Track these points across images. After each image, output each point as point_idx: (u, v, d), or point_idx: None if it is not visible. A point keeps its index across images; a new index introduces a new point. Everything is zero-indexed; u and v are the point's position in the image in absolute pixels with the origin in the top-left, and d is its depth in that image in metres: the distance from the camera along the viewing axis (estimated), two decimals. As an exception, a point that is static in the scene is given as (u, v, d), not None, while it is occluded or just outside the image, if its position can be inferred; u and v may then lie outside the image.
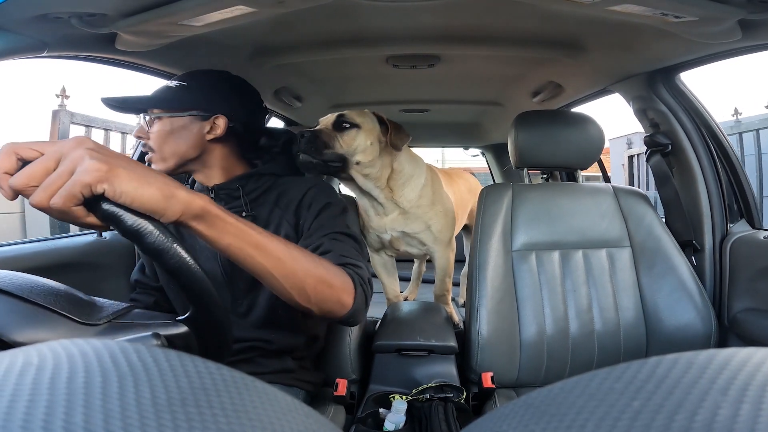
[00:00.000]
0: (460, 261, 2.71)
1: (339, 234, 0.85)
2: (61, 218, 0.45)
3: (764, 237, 1.19)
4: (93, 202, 0.45)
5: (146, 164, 0.83)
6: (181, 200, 0.50)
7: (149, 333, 0.48)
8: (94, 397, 0.15)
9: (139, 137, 0.89)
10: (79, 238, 1.24)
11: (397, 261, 2.16)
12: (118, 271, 1.27)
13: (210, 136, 0.89)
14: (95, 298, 0.54)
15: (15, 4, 0.74)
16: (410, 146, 1.54)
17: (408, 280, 2.54)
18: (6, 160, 0.44)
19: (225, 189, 0.92)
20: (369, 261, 1.01)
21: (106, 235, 1.27)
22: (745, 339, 1.18)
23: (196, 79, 0.92)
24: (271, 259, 0.60)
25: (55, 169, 0.44)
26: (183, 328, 0.51)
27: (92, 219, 0.46)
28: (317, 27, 1.16)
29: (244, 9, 0.84)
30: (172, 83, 0.90)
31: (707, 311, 1.15)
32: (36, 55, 0.88)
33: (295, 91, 1.70)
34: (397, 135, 1.38)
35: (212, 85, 0.92)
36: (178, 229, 0.89)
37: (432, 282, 2.54)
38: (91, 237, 1.25)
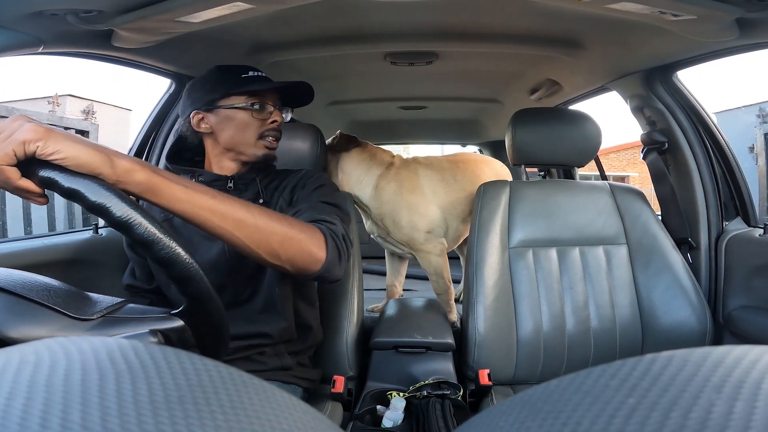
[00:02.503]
0: (453, 257, 2.72)
1: (321, 203, 0.88)
2: None
3: (760, 235, 1.20)
4: (29, 165, 0.47)
5: None
6: (120, 166, 0.52)
7: (146, 330, 0.48)
8: (91, 395, 0.15)
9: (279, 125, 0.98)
10: (75, 235, 1.23)
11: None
12: (114, 268, 1.26)
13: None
14: (89, 293, 0.54)
15: (11, 1, 0.74)
16: (408, 143, 1.55)
17: (417, 277, 2.55)
18: None
19: (242, 178, 0.96)
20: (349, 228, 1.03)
21: (102, 232, 1.27)
22: (740, 337, 1.19)
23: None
24: (230, 221, 0.62)
25: None
26: (178, 322, 0.51)
27: (25, 182, 0.48)
28: (315, 24, 1.15)
29: (242, 5, 0.84)
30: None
31: (702, 309, 1.16)
32: (32, 52, 0.87)
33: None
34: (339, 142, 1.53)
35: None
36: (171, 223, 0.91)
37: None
38: (87, 234, 1.24)
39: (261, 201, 0.93)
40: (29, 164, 0.47)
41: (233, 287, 0.92)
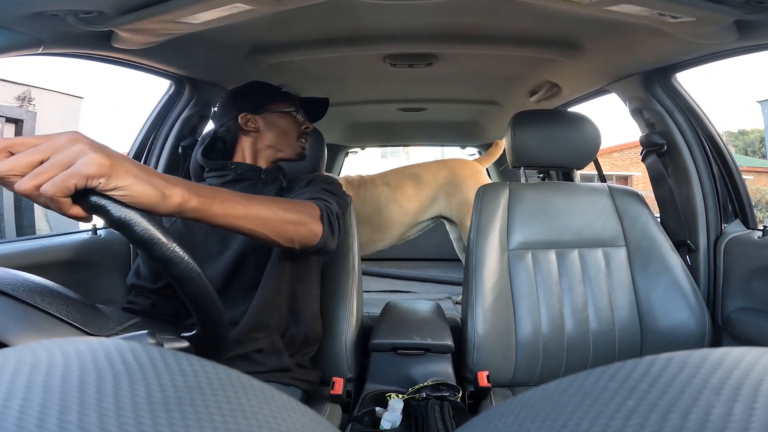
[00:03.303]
0: (452, 260, 2.72)
1: (323, 191, 0.97)
2: (44, 206, 0.45)
3: (758, 237, 1.20)
4: (81, 193, 0.46)
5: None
6: (176, 200, 0.53)
7: (145, 332, 0.48)
8: (89, 396, 0.15)
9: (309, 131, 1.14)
10: (74, 236, 1.23)
11: (396, 260, 2.17)
12: (113, 269, 1.26)
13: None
14: (99, 306, 0.54)
15: (11, 2, 0.74)
16: (407, 145, 1.57)
17: (416, 279, 2.56)
18: None
19: (270, 173, 1.07)
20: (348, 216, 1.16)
21: (101, 233, 1.27)
22: (739, 338, 1.19)
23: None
24: (257, 221, 0.69)
25: (43, 161, 0.45)
26: (185, 344, 0.52)
27: (76, 210, 0.47)
28: (315, 25, 1.16)
29: (242, 7, 0.84)
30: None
31: (701, 311, 1.16)
32: (32, 53, 0.87)
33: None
34: None
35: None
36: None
37: (433, 281, 2.56)
38: (86, 235, 1.24)
39: (283, 185, 1.07)
40: (83, 193, 0.46)
41: (229, 270, 0.95)
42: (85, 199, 0.46)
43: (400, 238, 2.18)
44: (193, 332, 0.53)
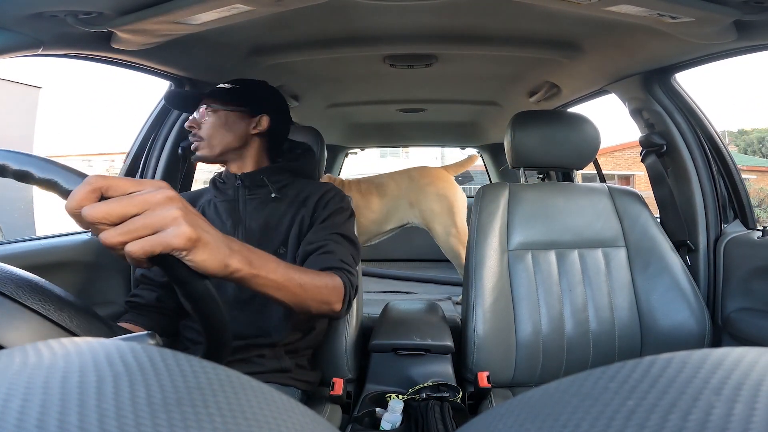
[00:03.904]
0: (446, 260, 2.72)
1: (341, 236, 0.96)
2: (119, 256, 0.46)
3: (758, 237, 1.20)
4: (161, 255, 0.47)
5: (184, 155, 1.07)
6: (230, 269, 0.55)
7: (145, 333, 0.48)
8: (89, 397, 0.15)
9: (190, 128, 1.01)
10: (73, 237, 1.23)
11: (395, 260, 2.17)
12: (112, 270, 1.26)
13: (254, 131, 1.03)
14: (114, 324, 0.53)
15: (11, 2, 0.74)
16: (407, 146, 1.57)
17: (416, 280, 2.56)
18: (87, 194, 0.43)
19: (251, 177, 1.02)
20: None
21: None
22: (739, 338, 1.19)
23: (247, 83, 1.07)
24: (289, 294, 0.70)
25: (134, 215, 0.45)
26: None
27: (147, 264, 0.47)
28: (314, 26, 1.16)
29: (241, 8, 0.84)
30: (225, 85, 1.05)
31: (701, 311, 1.16)
32: (31, 53, 0.87)
33: (292, 90, 1.70)
34: None
35: (259, 90, 1.07)
36: None
37: (433, 282, 2.56)
38: (85, 236, 1.24)
39: (273, 195, 1.01)
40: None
41: (235, 286, 0.93)
42: (162, 261, 0.47)
43: (366, 242, 2.23)
44: (203, 352, 0.54)
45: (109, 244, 0.44)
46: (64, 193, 0.45)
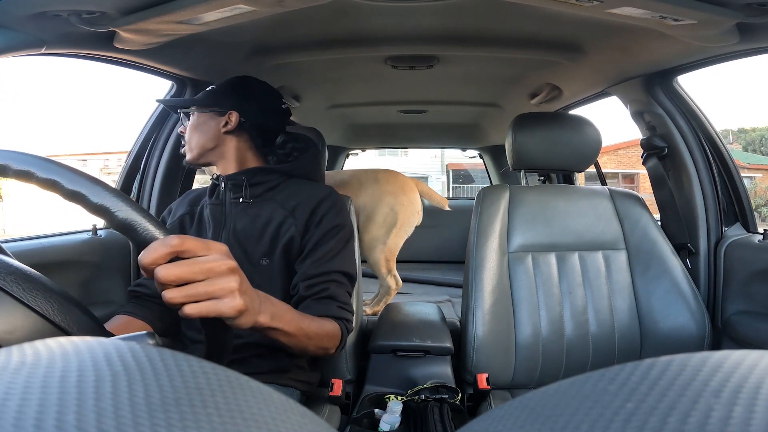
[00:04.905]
0: (452, 262, 2.72)
1: (341, 275, 0.94)
2: (176, 311, 0.50)
3: (759, 240, 1.20)
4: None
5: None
6: (257, 325, 0.62)
7: (144, 332, 0.48)
8: (87, 396, 0.15)
9: (181, 133, 1.05)
10: (74, 236, 1.23)
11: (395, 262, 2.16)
12: (112, 269, 1.26)
13: (224, 129, 1.00)
14: (90, 312, 0.53)
15: (14, 2, 0.74)
16: (408, 147, 1.56)
17: (415, 281, 2.55)
18: (165, 255, 0.47)
19: (233, 179, 0.99)
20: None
21: (101, 233, 1.27)
22: (739, 341, 1.19)
23: (225, 82, 1.06)
24: (295, 341, 0.76)
25: (199, 280, 0.50)
26: None
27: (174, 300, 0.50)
28: (316, 27, 1.16)
29: (244, 8, 0.84)
30: (209, 88, 1.06)
31: (701, 314, 1.16)
32: (34, 53, 0.87)
33: (294, 91, 1.70)
34: None
35: (231, 87, 1.04)
36: None
37: (432, 283, 2.55)
38: (86, 235, 1.24)
39: (241, 200, 0.98)
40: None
41: None
42: (208, 320, 0.52)
43: None
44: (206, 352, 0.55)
45: (171, 302, 0.49)
46: (142, 244, 0.47)
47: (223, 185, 0.99)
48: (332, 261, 0.93)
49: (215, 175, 1.04)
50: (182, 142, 1.05)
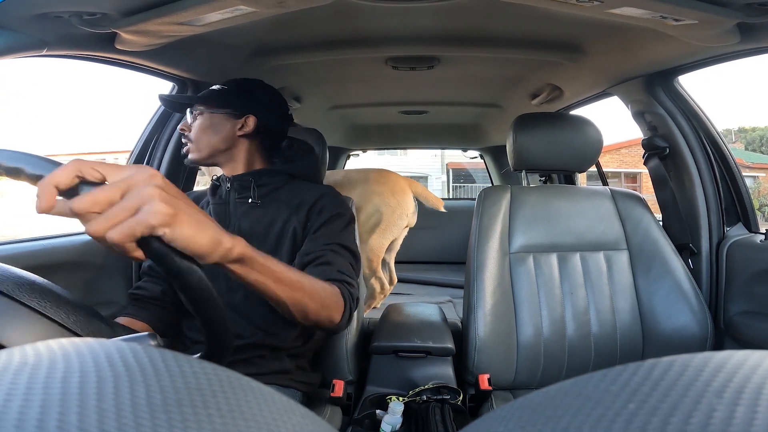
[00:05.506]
0: (453, 262, 2.73)
1: (340, 246, 0.92)
2: (109, 248, 0.44)
3: (761, 240, 1.20)
4: (146, 239, 0.45)
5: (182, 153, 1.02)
6: (224, 247, 0.54)
7: (146, 333, 0.48)
8: (89, 397, 0.15)
9: (182, 131, 1.02)
10: (76, 238, 1.23)
11: (396, 262, 2.16)
12: (114, 270, 1.26)
13: (240, 133, 1.00)
14: (115, 323, 0.53)
15: (16, 3, 0.74)
16: (408, 148, 1.56)
17: (416, 282, 2.55)
18: (65, 176, 0.43)
19: (240, 180, 1.00)
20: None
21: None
22: (741, 342, 1.18)
23: (236, 83, 1.04)
24: (286, 290, 0.68)
25: (119, 199, 0.44)
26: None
27: (139, 253, 0.46)
28: (317, 28, 1.16)
29: (244, 9, 0.84)
30: (216, 87, 1.04)
31: (703, 314, 1.15)
32: (35, 54, 0.87)
33: (295, 92, 1.70)
34: None
35: (247, 90, 1.04)
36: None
37: (434, 284, 2.55)
38: (86, 237, 1.24)
39: (250, 201, 0.98)
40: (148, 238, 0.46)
41: (226, 285, 0.94)
42: (148, 245, 0.46)
43: None
44: (202, 353, 0.52)
45: (95, 234, 0.43)
46: (34, 178, 0.44)
47: (228, 185, 1.00)
48: (331, 237, 0.93)
49: (216, 177, 1.05)
50: (183, 141, 1.03)
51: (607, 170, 1.96)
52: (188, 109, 1.02)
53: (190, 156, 1.01)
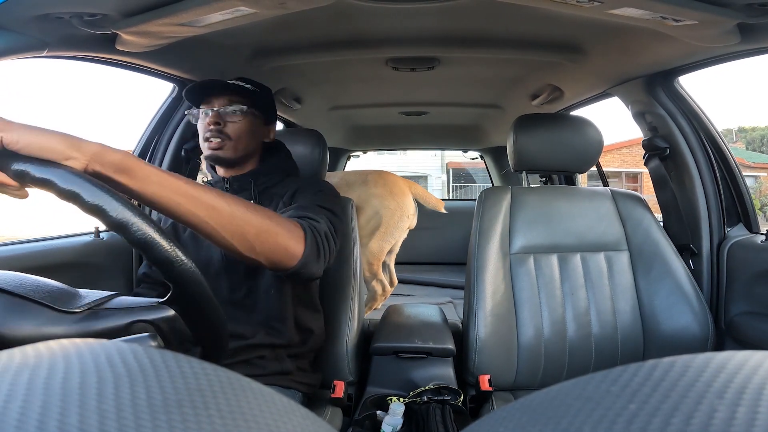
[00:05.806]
0: (454, 263, 2.72)
1: (312, 204, 0.88)
2: None
3: (761, 241, 1.20)
4: (1, 159, 0.45)
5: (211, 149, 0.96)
6: (89, 149, 0.49)
7: (146, 334, 0.48)
8: (89, 398, 0.15)
9: (215, 123, 0.94)
10: (76, 239, 1.24)
11: (397, 263, 2.16)
12: (115, 271, 1.26)
13: (266, 139, 1.04)
14: (80, 290, 0.52)
15: (16, 4, 0.74)
16: (409, 149, 1.55)
17: (416, 283, 2.54)
18: None
19: (239, 180, 1.00)
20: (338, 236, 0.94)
21: (103, 235, 1.27)
22: (742, 342, 1.18)
23: (262, 89, 1.03)
24: (204, 208, 0.59)
25: None
26: (168, 312, 0.50)
27: (3, 177, 0.46)
28: (317, 29, 1.16)
29: (245, 10, 0.84)
30: (244, 84, 0.98)
31: (704, 315, 1.15)
32: (36, 55, 0.88)
33: (295, 93, 1.70)
34: None
35: (271, 98, 1.06)
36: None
37: (434, 285, 2.55)
38: (88, 238, 1.24)
39: (252, 198, 0.98)
40: (2, 158, 0.46)
41: (228, 283, 0.94)
42: (6, 165, 0.45)
43: None
44: (168, 295, 0.50)
45: None
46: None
47: (227, 186, 1.00)
48: (308, 200, 0.90)
49: (207, 180, 1.05)
50: (206, 136, 0.95)
51: (608, 170, 1.96)
52: (225, 107, 0.95)
53: (221, 153, 0.95)
